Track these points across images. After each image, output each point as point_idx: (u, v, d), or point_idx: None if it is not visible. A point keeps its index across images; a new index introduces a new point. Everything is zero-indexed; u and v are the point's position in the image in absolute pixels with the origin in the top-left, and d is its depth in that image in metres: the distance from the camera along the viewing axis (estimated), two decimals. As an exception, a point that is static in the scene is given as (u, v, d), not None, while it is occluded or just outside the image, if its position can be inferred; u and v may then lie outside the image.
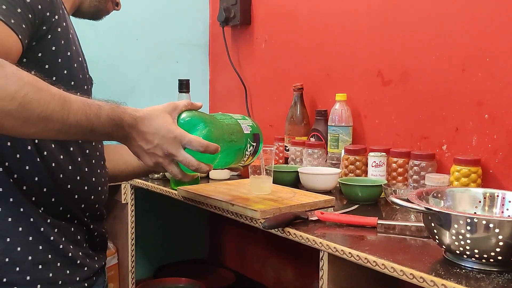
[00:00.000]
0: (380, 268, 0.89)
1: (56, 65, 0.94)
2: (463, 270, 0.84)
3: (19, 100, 0.74)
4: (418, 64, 1.50)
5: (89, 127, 0.82)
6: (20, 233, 0.92)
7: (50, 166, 0.95)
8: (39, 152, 0.93)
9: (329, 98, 1.73)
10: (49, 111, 0.77)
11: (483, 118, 1.35)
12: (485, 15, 1.34)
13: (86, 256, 1.01)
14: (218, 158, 0.99)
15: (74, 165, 0.99)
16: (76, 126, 0.81)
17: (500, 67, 1.31)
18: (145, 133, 0.90)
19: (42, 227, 0.94)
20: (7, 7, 0.82)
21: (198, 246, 2.37)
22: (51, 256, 0.94)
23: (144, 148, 0.91)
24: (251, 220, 1.17)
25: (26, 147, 0.92)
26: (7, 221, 0.91)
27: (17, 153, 0.92)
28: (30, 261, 0.92)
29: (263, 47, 2.08)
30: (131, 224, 1.78)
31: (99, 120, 0.83)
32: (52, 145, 0.95)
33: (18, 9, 0.84)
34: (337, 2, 1.74)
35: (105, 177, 1.09)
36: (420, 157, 1.39)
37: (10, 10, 0.82)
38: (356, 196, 1.32)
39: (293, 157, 1.70)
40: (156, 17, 2.20)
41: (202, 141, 0.91)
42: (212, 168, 0.98)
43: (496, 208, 0.98)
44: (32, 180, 0.93)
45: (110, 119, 0.85)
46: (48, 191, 0.95)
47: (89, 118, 0.82)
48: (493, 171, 1.33)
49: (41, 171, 0.94)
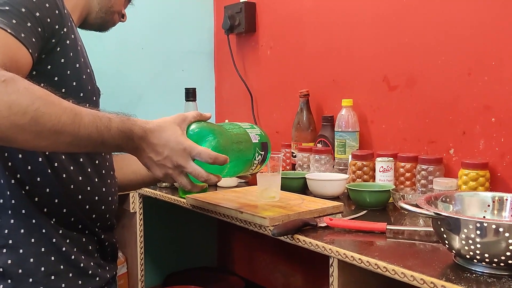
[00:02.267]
0: (391, 274, 0.89)
1: (65, 77, 0.95)
2: (474, 275, 0.84)
3: (31, 114, 0.74)
4: (424, 69, 1.50)
5: (99, 139, 0.83)
6: (32, 244, 0.93)
7: (61, 177, 0.96)
8: (50, 163, 0.94)
9: (335, 103, 1.73)
10: (60, 124, 0.78)
11: (490, 122, 1.35)
12: (490, 19, 1.34)
13: (97, 266, 1.02)
14: (227, 168, 0.99)
15: (84, 175, 1.00)
16: (87, 139, 0.81)
17: (506, 70, 1.31)
18: (155, 145, 0.91)
19: (54, 238, 0.95)
20: (17, 21, 0.83)
21: (207, 253, 2.37)
22: (63, 266, 0.95)
23: (154, 159, 0.91)
24: (260, 227, 1.17)
25: (37, 159, 0.93)
26: (19, 232, 0.92)
27: (28, 165, 0.93)
28: (42, 272, 0.92)
29: (268, 54, 2.08)
30: (139, 233, 1.78)
31: (110, 133, 0.84)
32: (63, 156, 0.96)
33: (28, 23, 0.85)
34: (342, 8, 1.75)
35: (115, 187, 1.10)
36: (427, 161, 1.39)
37: (20, 24, 0.84)
38: (364, 202, 1.32)
39: (300, 163, 1.70)
40: (161, 26, 2.21)
41: (211, 152, 0.92)
42: (221, 179, 0.98)
43: (505, 212, 0.98)
44: (44, 191, 0.94)
45: (120, 132, 0.86)
46: (59, 202, 0.96)
47: (100, 131, 0.83)
48: (501, 175, 1.33)
49: (52, 182, 0.95)
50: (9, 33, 0.81)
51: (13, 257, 0.91)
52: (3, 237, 0.91)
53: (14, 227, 0.92)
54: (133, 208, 1.76)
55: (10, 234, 0.92)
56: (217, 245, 2.40)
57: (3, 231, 0.92)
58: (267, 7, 2.08)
